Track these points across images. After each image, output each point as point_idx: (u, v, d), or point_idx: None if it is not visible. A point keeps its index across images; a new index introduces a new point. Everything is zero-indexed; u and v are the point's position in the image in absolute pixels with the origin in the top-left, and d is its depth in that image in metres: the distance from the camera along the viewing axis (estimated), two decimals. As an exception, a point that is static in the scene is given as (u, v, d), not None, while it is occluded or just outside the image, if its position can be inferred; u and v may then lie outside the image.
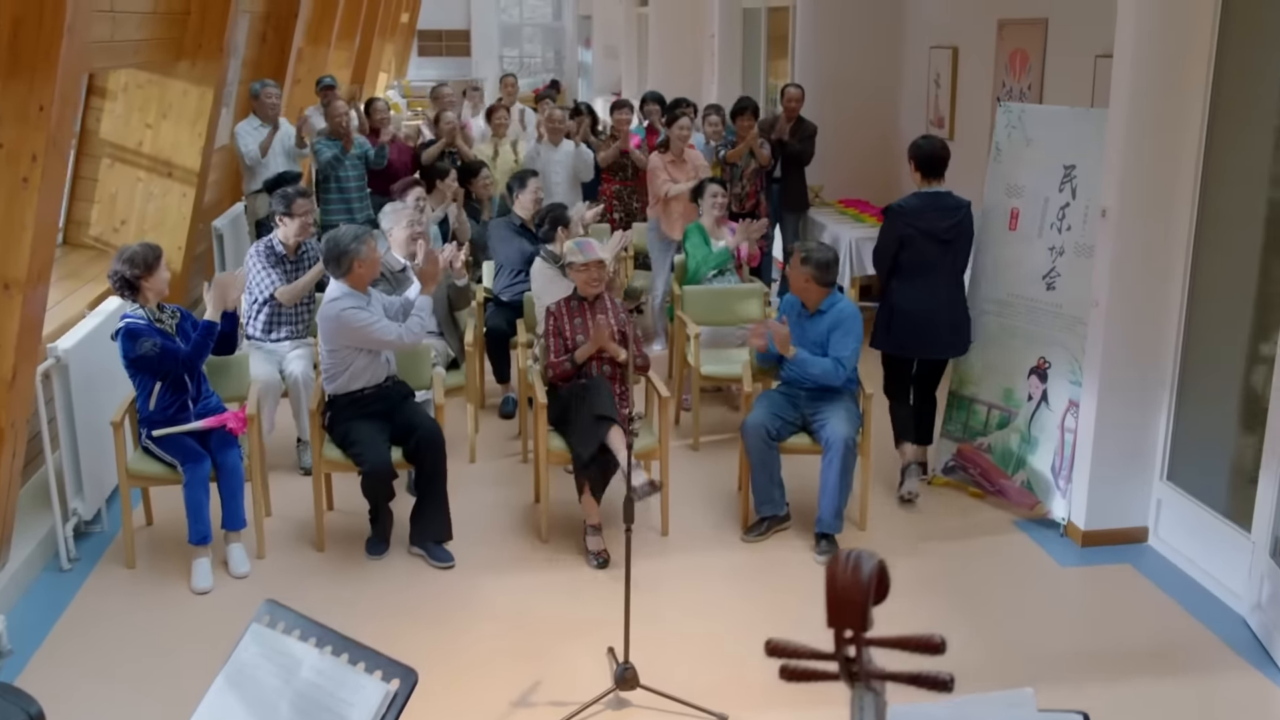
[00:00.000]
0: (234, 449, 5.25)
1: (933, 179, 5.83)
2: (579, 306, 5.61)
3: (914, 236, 5.75)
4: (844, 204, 9.78)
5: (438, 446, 5.34)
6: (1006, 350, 5.87)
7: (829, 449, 5.33)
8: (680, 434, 6.92)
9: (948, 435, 6.13)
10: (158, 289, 5.24)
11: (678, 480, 6.18)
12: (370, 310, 5.39)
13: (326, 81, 10.64)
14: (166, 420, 5.24)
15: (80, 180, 7.09)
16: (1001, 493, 5.87)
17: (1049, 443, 5.66)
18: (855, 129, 9.88)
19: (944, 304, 5.82)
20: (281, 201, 6.16)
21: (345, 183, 8.54)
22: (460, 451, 6.58)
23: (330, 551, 5.48)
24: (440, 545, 5.37)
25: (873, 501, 5.83)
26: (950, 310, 5.84)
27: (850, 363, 5.47)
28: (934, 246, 5.75)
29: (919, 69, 9.32)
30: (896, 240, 5.80)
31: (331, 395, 5.45)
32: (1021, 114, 5.88)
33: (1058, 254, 5.66)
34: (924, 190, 5.83)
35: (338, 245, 5.34)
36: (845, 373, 5.47)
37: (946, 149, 5.86)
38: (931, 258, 5.76)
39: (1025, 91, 7.55)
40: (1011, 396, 5.84)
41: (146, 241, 5.30)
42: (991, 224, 5.98)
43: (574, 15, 29.67)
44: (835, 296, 5.63)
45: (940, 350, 5.94)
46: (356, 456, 5.28)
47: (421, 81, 27.57)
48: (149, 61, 6.57)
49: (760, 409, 5.53)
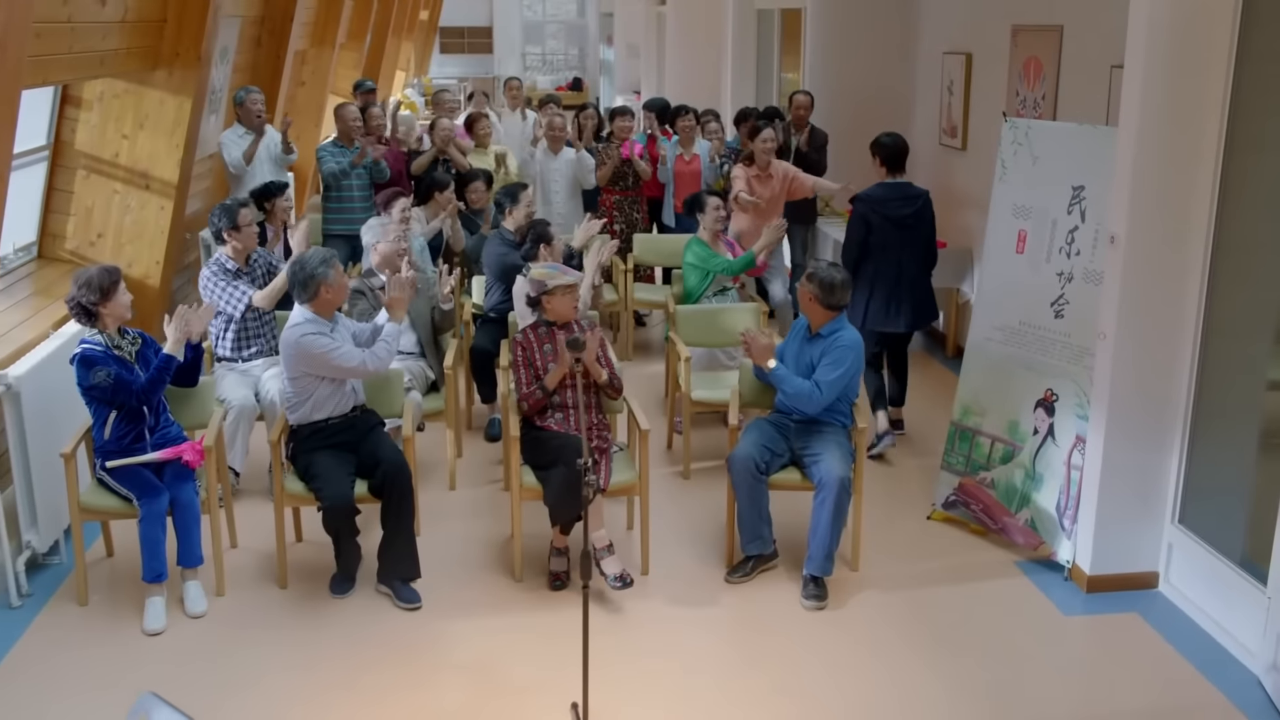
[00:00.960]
0: (189, 483, 5.01)
1: (896, 172, 6.60)
2: (548, 333, 5.33)
3: (880, 223, 6.46)
4: (854, 214, 9.44)
5: (404, 481, 5.07)
6: (1012, 380, 5.54)
7: (822, 488, 5.03)
8: (672, 459, 6.63)
9: (949, 468, 5.81)
10: (117, 314, 5.00)
11: (663, 512, 5.90)
12: (334, 336, 5.14)
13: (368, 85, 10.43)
14: (122, 450, 5.00)
15: (55, 192, 6.87)
16: (1004, 531, 5.55)
17: (1054, 480, 5.34)
18: (867, 137, 9.49)
19: (908, 283, 6.49)
20: (225, 216, 5.93)
21: (348, 193, 8.31)
22: (440, 478, 6.32)
23: (294, 588, 5.22)
24: (407, 584, 5.10)
25: (867, 539, 5.52)
26: (913, 289, 6.51)
27: (829, 391, 5.15)
28: (897, 232, 6.46)
29: (932, 75, 8.98)
30: (865, 226, 6.49)
31: (294, 425, 5.20)
32: (1028, 130, 5.55)
33: (1066, 280, 5.33)
34: (887, 181, 6.58)
35: (304, 269, 5.09)
36: (820, 399, 5.15)
37: (906, 145, 6.67)
38: (895, 241, 6.45)
39: (1039, 102, 7.20)
40: (1017, 430, 5.52)
41: (105, 264, 5.06)
42: (997, 246, 5.65)
43: (596, 13, 29.40)
44: (840, 323, 5.29)
45: (906, 325, 6.54)
46: (317, 491, 5.02)
47: (444, 79, 27.41)
48: (120, 71, 6.33)
49: (748, 440, 5.23)
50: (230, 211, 6.00)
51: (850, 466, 5.13)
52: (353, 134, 8.55)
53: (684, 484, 6.34)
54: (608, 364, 5.38)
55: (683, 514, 5.94)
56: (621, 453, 5.40)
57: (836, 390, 5.17)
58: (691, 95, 14.73)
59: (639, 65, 21.68)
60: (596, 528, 5.10)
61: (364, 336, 5.40)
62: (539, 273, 5.36)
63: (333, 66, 12.42)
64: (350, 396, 5.27)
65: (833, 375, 5.15)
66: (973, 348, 5.74)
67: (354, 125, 8.58)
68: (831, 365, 5.18)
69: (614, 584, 5.02)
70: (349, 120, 8.56)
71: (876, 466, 6.44)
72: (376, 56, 16.79)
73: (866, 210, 6.50)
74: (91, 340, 4.96)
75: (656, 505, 5.96)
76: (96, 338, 4.96)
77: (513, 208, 6.99)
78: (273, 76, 9.54)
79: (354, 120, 8.59)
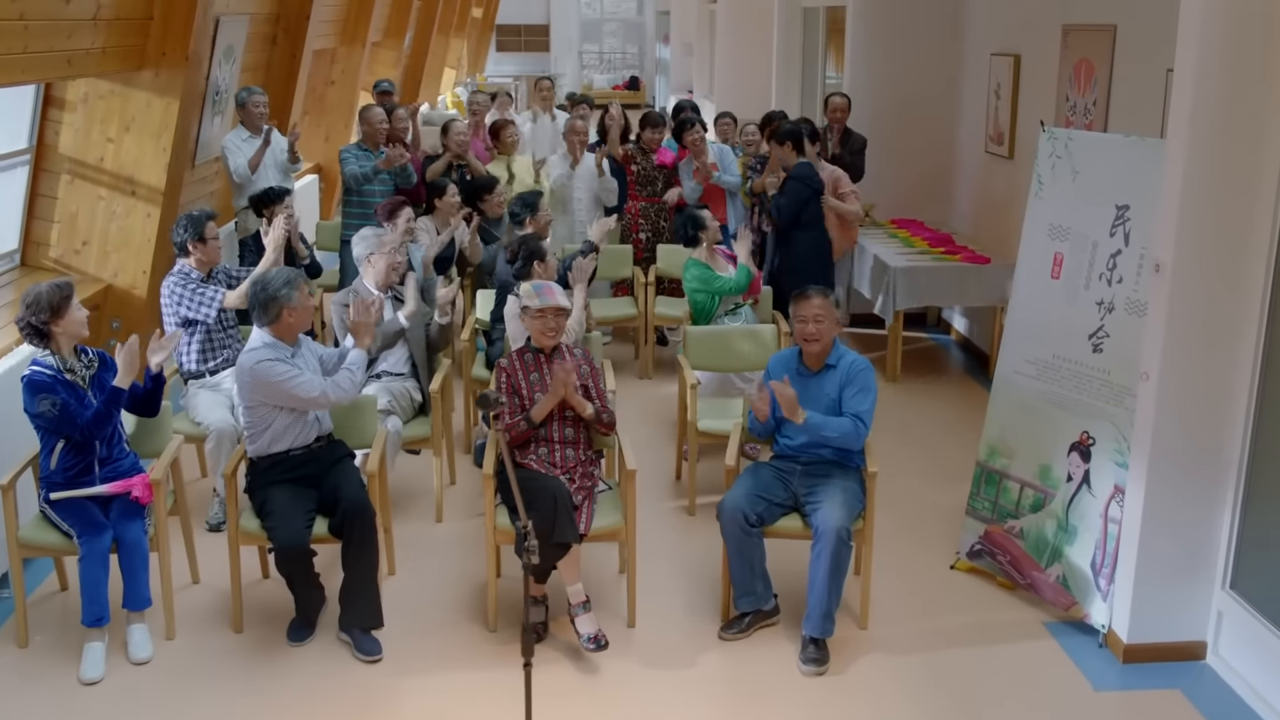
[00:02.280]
0: (137, 520, 4.62)
1: (803, 153, 7.40)
2: (535, 360, 4.88)
3: (812, 196, 7.31)
4: (895, 224, 8.90)
5: (365, 522, 4.65)
6: (1045, 420, 4.98)
7: (818, 539, 4.52)
8: (679, 491, 6.14)
9: (974, 513, 5.27)
10: (72, 332, 4.64)
11: (661, 552, 5.44)
12: (294, 363, 4.72)
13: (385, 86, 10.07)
14: (67, 482, 4.65)
15: (39, 198, 6.55)
16: (1033, 587, 4.99)
17: (1090, 533, 4.78)
18: (909, 142, 8.98)
19: (826, 250, 7.50)
20: (191, 227, 5.54)
21: (370, 198, 7.91)
22: (429, 508, 5.90)
23: (251, 632, 4.82)
24: (368, 633, 4.67)
25: (881, 590, 5.01)
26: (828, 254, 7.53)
27: (869, 420, 4.74)
28: (818, 207, 7.39)
29: (978, 78, 8.39)
30: (805, 199, 7.27)
31: (252, 457, 4.79)
32: (1069, 141, 4.99)
33: (1106, 310, 4.77)
34: (804, 160, 7.38)
35: (265, 290, 4.68)
36: (866, 432, 4.73)
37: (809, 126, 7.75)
38: (819, 215, 7.40)
39: (1090, 108, 6.61)
40: (1049, 475, 4.96)
41: (55, 280, 4.69)
42: (1030, 269, 5.10)
43: (654, 10, 28.94)
44: (840, 347, 4.85)
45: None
46: (270, 531, 4.62)
47: (499, 77, 27.10)
48: (95, 71, 5.98)
49: (741, 488, 4.73)
50: (197, 222, 5.62)
51: (854, 514, 4.62)
52: (377, 138, 8.17)
53: (688, 521, 5.85)
54: (599, 395, 4.92)
55: (682, 555, 5.46)
56: (610, 491, 4.93)
57: (872, 418, 4.76)
58: (739, 95, 14.27)
59: (693, 64, 21.21)
60: (572, 580, 4.64)
61: (331, 361, 4.99)
62: (524, 290, 4.91)
63: (364, 65, 12.08)
64: (313, 426, 4.86)
65: (867, 404, 4.77)
66: (1001, 381, 5.19)
67: (379, 128, 8.19)
68: (862, 393, 4.77)
69: (587, 645, 4.57)
70: (374, 123, 8.18)
71: (897, 506, 5.90)
72: (420, 55, 16.47)
73: (807, 185, 7.28)
74: (42, 362, 4.60)
75: (655, 544, 5.52)
76: (48, 359, 4.60)
77: (530, 217, 6.56)
78: (288, 75, 9.19)
79: (379, 123, 8.20)
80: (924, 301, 7.79)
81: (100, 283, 6.60)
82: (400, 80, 15.73)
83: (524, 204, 6.75)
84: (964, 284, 7.74)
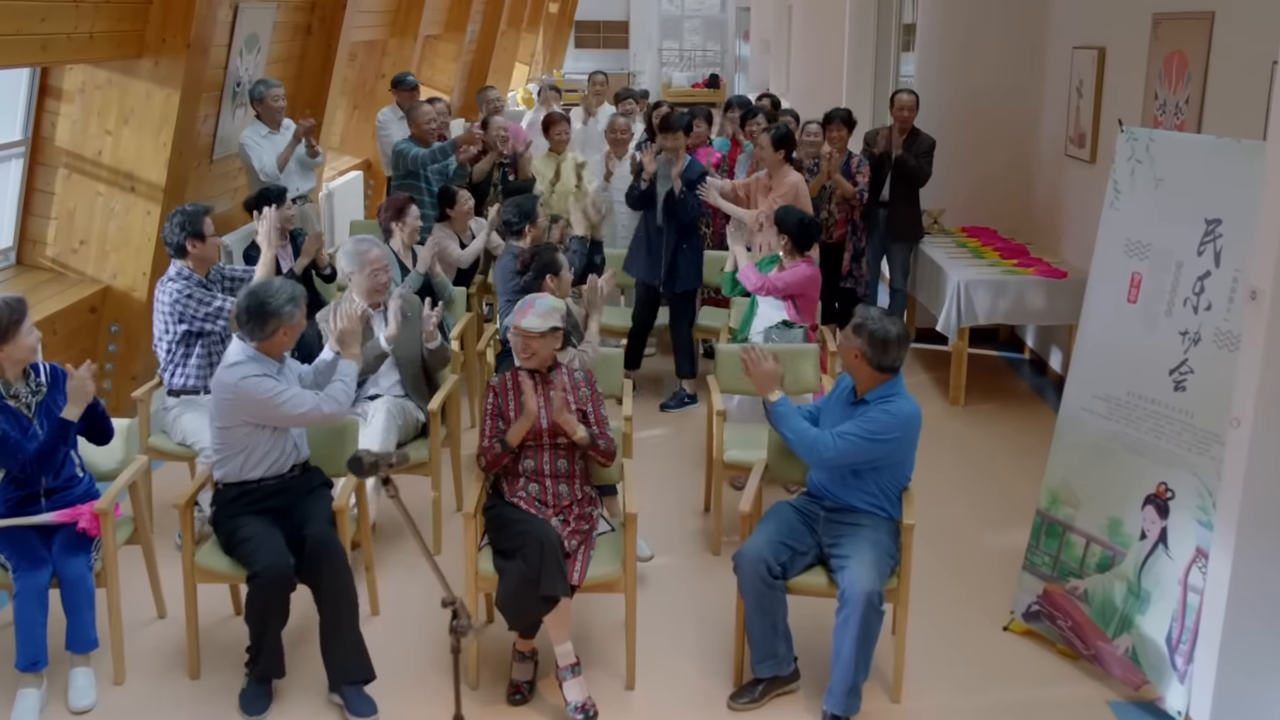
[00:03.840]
0: (81, 556, 4.15)
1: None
2: (532, 381, 4.33)
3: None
4: (965, 233, 8.20)
5: (333, 560, 4.13)
6: (1116, 467, 4.30)
7: (844, 603, 3.91)
8: (706, 527, 5.55)
9: (1032, 569, 4.60)
10: (18, 357, 4.15)
11: (674, 598, 4.89)
12: (280, 378, 4.24)
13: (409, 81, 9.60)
14: (9, 510, 4.19)
15: (35, 193, 6.18)
16: (1097, 659, 4.32)
17: (1165, 602, 4.09)
18: (982, 144, 8.27)
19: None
20: (189, 224, 5.07)
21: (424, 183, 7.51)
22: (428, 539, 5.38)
23: (210, 679, 4.33)
24: (361, 691, 4.14)
25: (920, 653, 4.38)
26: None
27: (844, 447, 4.03)
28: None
29: (1059, 74, 7.65)
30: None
31: (219, 483, 4.31)
32: (1150, 143, 4.30)
33: (1192, 342, 4.08)
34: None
35: (265, 306, 4.16)
36: (830, 452, 4.04)
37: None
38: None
39: (1182, 107, 5.87)
40: (1119, 531, 4.28)
41: (7, 296, 4.19)
42: (1104, 291, 4.43)
43: (735, 6, 28.27)
44: (894, 388, 4.14)
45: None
46: (247, 557, 4.10)
47: (577, 74, 26.63)
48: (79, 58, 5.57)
49: (762, 534, 4.13)
50: (194, 218, 5.14)
51: (887, 574, 3.99)
52: (427, 139, 7.72)
53: (711, 561, 5.25)
54: (597, 421, 4.35)
55: (698, 602, 4.88)
56: (613, 534, 4.36)
57: (851, 452, 4.04)
58: (812, 93, 13.60)
59: (769, 61, 20.55)
60: (561, 639, 4.08)
61: (309, 378, 4.50)
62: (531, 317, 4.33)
63: (415, 58, 11.65)
64: (291, 454, 4.36)
65: (856, 433, 4.03)
66: (1067, 419, 4.52)
67: (429, 128, 7.74)
68: (862, 424, 4.04)
69: (574, 716, 4.02)
70: (423, 123, 7.74)
71: (947, 551, 5.24)
72: (486, 49, 16.04)
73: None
74: None
75: (670, 586, 4.99)
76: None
77: (530, 227, 6.02)
78: (323, 67, 8.76)
79: (429, 122, 7.75)
80: (993, 318, 7.09)
81: (99, 284, 6.21)
82: (464, 76, 15.32)
83: (520, 212, 6.17)
84: (1038, 300, 7.03)
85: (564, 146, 8.16)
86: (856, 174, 7.56)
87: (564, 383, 4.33)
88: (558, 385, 4.32)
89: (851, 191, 7.50)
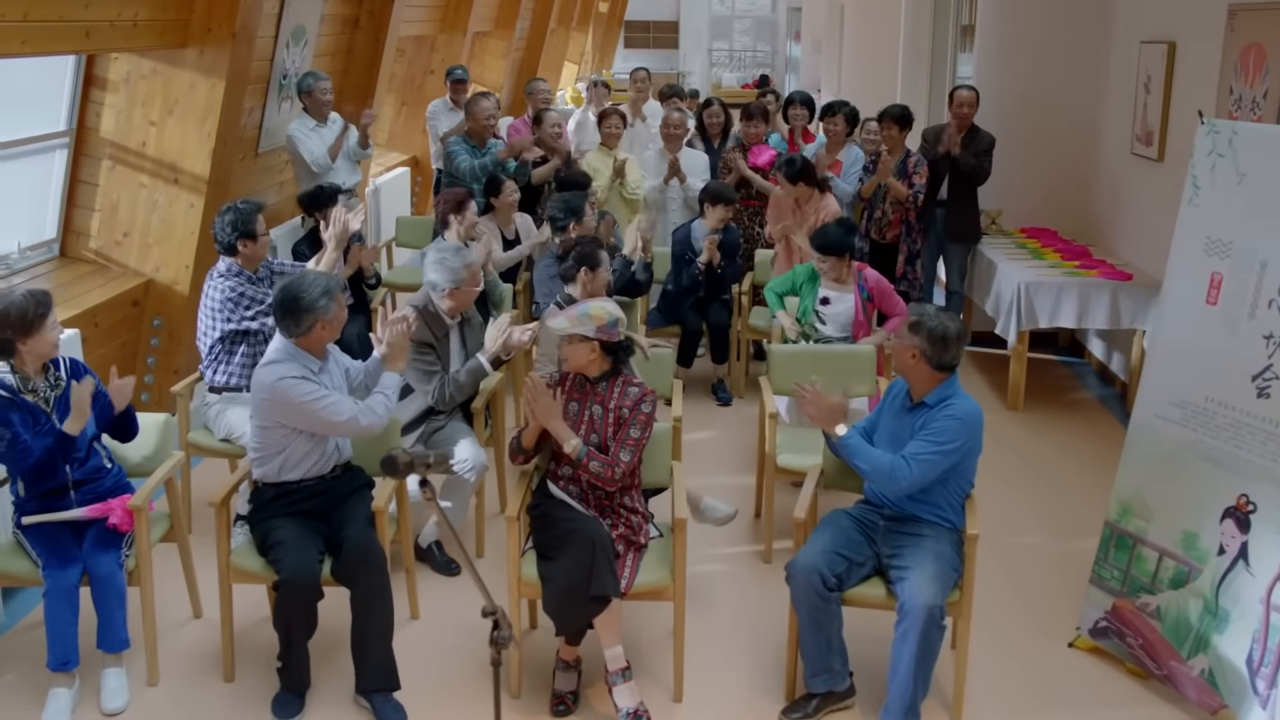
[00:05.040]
0: (112, 552, 4.04)
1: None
2: (579, 385, 4.17)
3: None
4: (1025, 234, 7.96)
5: (372, 565, 4.00)
6: (1193, 478, 4.08)
7: (904, 616, 3.72)
8: (757, 533, 5.37)
9: (1100, 583, 4.38)
10: (41, 352, 4.04)
11: (723, 607, 4.72)
12: (320, 379, 4.10)
13: (458, 74, 9.53)
14: (38, 504, 4.09)
15: (79, 185, 6.12)
16: (1170, 679, 4.09)
17: (1245, 622, 3.86)
18: (1043, 142, 8.03)
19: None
20: (242, 222, 4.97)
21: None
22: (468, 540, 5.24)
23: (244, 681, 4.21)
24: (390, 698, 4.00)
25: (979, 672, 4.17)
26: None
27: (919, 469, 3.84)
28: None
29: (1126, 69, 7.39)
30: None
31: (258, 482, 4.19)
32: (1233, 136, 4.07)
33: (1277, 346, 3.85)
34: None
35: (298, 300, 4.03)
36: (906, 479, 3.85)
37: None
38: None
39: (1259, 101, 5.62)
40: (1195, 545, 4.05)
41: (33, 289, 4.08)
42: (1181, 292, 4.20)
43: (786, 6, 28.02)
44: (951, 388, 3.97)
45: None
46: (276, 562, 3.99)
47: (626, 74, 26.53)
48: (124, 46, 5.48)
49: (818, 543, 3.95)
50: (247, 218, 5.04)
51: (949, 587, 3.80)
52: (485, 134, 7.60)
53: (762, 569, 5.08)
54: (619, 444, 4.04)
55: (749, 610, 4.70)
56: (660, 539, 4.20)
57: (930, 471, 3.85)
58: (865, 92, 13.35)
59: (821, 61, 20.30)
60: (611, 643, 3.92)
61: (358, 377, 4.37)
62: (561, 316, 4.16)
63: (465, 53, 11.55)
64: (333, 455, 4.22)
65: (928, 450, 3.84)
66: (1139, 427, 4.29)
67: (486, 124, 7.62)
68: (931, 438, 3.86)
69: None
70: (482, 118, 7.62)
71: (1007, 563, 5.03)
72: (535, 47, 15.95)
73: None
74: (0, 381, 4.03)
75: (719, 595, 4.83)
76: (6, 376, 4.02)
77: (576, 224, 5.87)
78: (371, 61, 8.67)
79: (488, 118, 7.63)
80: (1054, 322, 6.85)
81: (141, 277, 6.14)
82: (513, 73, 15.24)
83: (567, 209, 6.02)
84: (1101, 303, 6.77)
85: (616, 141, 7.99)
86: (914, 174, 7.35)
87: (608, 395, 4.12)
88: (597, 395, 4.12)
89: (905, 194, 7.29)
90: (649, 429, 4.08)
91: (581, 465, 4.00)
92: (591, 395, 4.12)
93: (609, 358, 4.09)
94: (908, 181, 7.34)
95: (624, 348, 4.10)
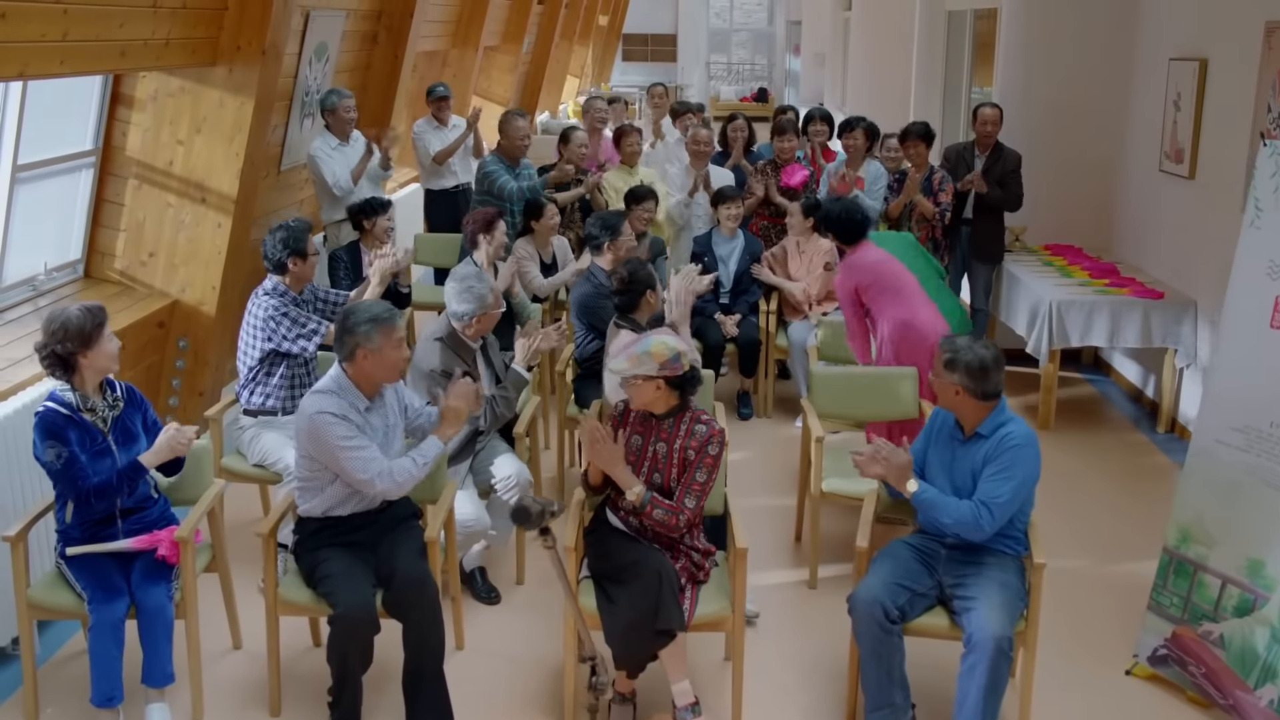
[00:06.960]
0: (161, 585, 3.96)
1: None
2: (644, 418, 4.05)
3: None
4: (1050, 251, 7.91)
5: (426, 599, 3.91)
6: (1257, 504, 4.02)
7: (972, 648, 3.65)
8: (799, 558, 5.29)
9: (1159, 610, 4.32)
10: (100, 365, 3.98)
11: (770, 636, 4.63)
12: (368, 419, 4.01)
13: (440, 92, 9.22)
14: (85, 535, 4.01)
15: (104, 204, 6.03)
16: (1236, 710, 4.03)
17: (1315, 651, 3.81)
18: (1068, 159, 7.99)
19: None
20: (293, 240, 4.90)
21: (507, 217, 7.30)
22: (506, 567, 5.15)
23: (290, 714, 4.13)
24: None
25: (1042, 703, 4.09)
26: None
27: (1001, 512, 3.79)
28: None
29: (1154, 86, 7.36)
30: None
31: (302, 515, 4.11)
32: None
33: (1344, 370, 3.80)
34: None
35: (345, 320, 3.97)
36: (991, 524, 3.79)
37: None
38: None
39: (1299, 120, 5.58)
40: (1260, 572, 3.99)
41: (86, 303, 4.03)
42: (1242, 315, 4.14)
43: (785, 20, 28.04)
44: (1002, 414, 3.93)
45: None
46: (328, 595, 3.90)
47: (624, 87, 26.48)
48: (156, 65, 5.40)
49: (879, 574, 3.88)
50: (299, 237, 4.96)
51: (1016, 617, 3.73)
52: (518, 152, 7.46)
53: (808, 596, 5.00)
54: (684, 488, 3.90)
55: (799, 639, 4.63)
56: (717, 569, 4.12)
57: (1011, 510, 3.80)
58: (874, 107, 13.31)
59: (824, 75, 20.30)
60: (679, 677, 3.85)
61: (418, 419, 4.30)
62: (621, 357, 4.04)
63: (476, 69, 11.50)
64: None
65: (1004, 491, 3.79)
66: (1198, 453, 4.23)
67: (521, 144, 7.47)
68: (1001, 476, 3.80)
69: None
70: (517, 138, 7.46)
71: (1055, 594, 4.96)
72: (540, 61, 15.92)
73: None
74: (59, 398, 3.95)
75: (766, 624, 4.71)
76: (66, 395, 3.96)
77: (611, 243, 5.79)
78: (389, 78, 8.60)
79: (522, 138, 7.48)
80: (1086, 340, 6.80)
81: (167, 297, 6.04)
82: (519, 87, 15.19)
83: (604, 226, 5.92)
84: (1133, 322, 6.72)
85: (636, 159, 7.91)
86: (939, 191, 7.30)
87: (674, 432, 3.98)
88: (662, 432, 4.00)
89: (932, 211, 7.24)
90: (715, 472, 3.94)
91: (644, 513, 3.89)
92: (656, 430, 4.00)
93: (675, 392, 3.94)
94: (934, 199, 7.29)
95: (690, 380, 3.95)
